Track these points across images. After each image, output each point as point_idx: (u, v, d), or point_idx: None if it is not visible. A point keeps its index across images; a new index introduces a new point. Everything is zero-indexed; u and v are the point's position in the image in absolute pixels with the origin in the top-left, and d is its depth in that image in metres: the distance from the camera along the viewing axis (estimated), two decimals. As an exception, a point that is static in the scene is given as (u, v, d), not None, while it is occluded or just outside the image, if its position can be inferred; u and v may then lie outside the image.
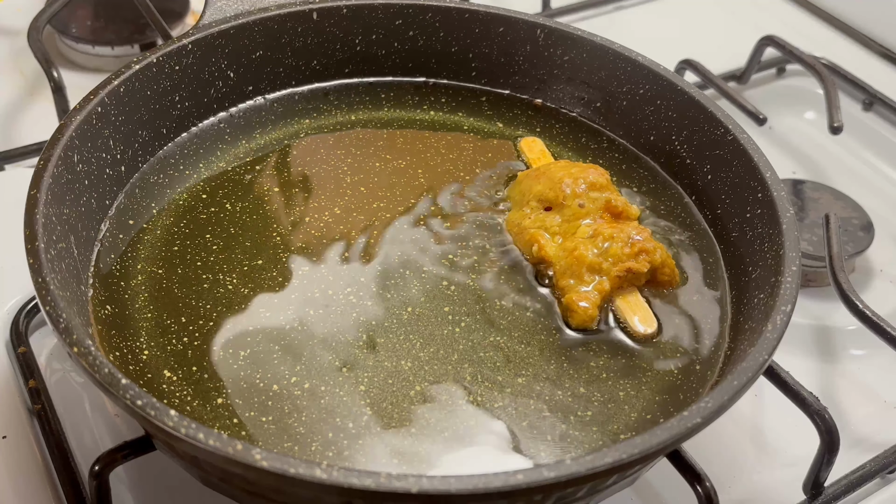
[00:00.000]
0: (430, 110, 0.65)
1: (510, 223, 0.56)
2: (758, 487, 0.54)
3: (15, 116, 0.76)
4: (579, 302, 0.50)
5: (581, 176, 0.55)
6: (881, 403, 0.60)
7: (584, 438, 0.45)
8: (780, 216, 0.50)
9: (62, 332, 0.40)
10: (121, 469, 0.48)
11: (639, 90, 0.61)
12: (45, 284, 0.42)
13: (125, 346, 0.47)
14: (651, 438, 0.39)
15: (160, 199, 0.56)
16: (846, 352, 0.63)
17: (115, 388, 0.38)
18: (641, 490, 0.53)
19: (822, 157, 0.80)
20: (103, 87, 0.53)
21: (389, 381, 0.47)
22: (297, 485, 0.36)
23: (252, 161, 0.59)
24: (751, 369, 0.42)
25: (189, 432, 0.37)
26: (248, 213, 0.56)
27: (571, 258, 0.52)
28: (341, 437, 0.44)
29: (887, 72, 0.88)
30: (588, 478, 0.37)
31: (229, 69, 0.61)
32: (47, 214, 0.46)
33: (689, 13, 0.95)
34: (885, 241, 0.71)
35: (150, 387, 0.46)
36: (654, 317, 0.51)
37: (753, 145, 0.55)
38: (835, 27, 0.94)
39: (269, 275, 0.52)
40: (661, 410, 0.47)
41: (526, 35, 0.64)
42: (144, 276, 0.51)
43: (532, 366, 0.48)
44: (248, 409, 0.45)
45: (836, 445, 0.50)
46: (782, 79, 0.87)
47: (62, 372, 0.56)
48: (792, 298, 0.46)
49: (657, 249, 0.52)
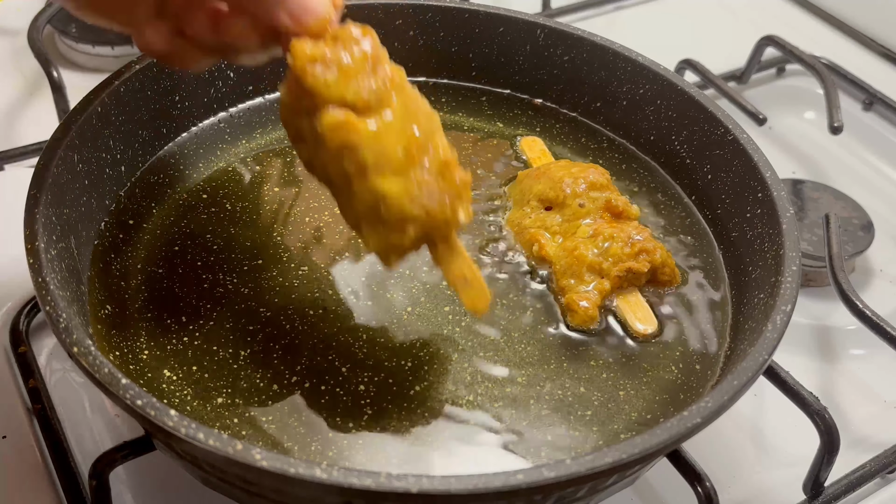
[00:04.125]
0: (430, 110, 0.65)
1: (510, 223, 0.56)
2: (758, 487, 0.54)
3: (15, 116, 0.76)
4: (579, 301, 0.50)
5: (581, 175, 0.55)
6: (881, 403, 0.60)
7: (584, 438, 0.45)
8: (780, 216, 0.50)
9: (62, 332, 0.40)
10: (121, 469, 0.48)
11: (639, 90, 0.61)
12: (44, 284, 0.42)
13: (125, 345, 0.47)
14: (651, 438, 0.39)
15: (160, 199, 0.56)
16: (846, 352, 0.63)
17: (115, 387, 0.38)
18: (641, 490, 0.53)
19: (822, 157, 0.80)
20: (103, 87, 0.53)
21: (389, 380, 0.47)
22: (297, 485, 0.36)
23: (252, 161, 0.59)
24: (751, 369, 0.42)
25: (189, 432, 0.37)
26: (248, 213, 0.56)
27: (572, 258, 0.52)
28: (341, 437, 0.44)
29: (887, 72, 0.88)
30: (588, 478, 0.37)
31: (229, 69, 0.61)
32: (47, 214, 0.46)
33: (689, 13, 0.95)
34: (885, 241, 0.71)
35: (150, 387, 0.46)
36: (654, 316, 0.51)
37: (753, 145, 0.55)
38: (835, 27, 0.94)
39: (269, 275, 0.52)
40: (662, 410, 0.47)
41: (526, 35, 0.64)
42: (144, 275, 0.51)
43: (532, 366, 0.48)
44: (248, 409, 0.45)
45: (836, 445, 0.50)
46: (782, 79, 0.87)
47: (62, 372, 0.56)
48: (792, 298, 0.46)
49: (657, 249, 0.52)
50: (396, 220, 0.41)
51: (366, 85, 0.41)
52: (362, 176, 0.40)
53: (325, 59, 0.41)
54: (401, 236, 0.42)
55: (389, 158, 0.40)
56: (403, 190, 0.41)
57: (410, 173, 0.41)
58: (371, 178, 0.40)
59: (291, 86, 0.42)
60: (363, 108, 0.40)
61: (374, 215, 0.41)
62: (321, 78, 0.40)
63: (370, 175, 0.40)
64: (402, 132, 0.41)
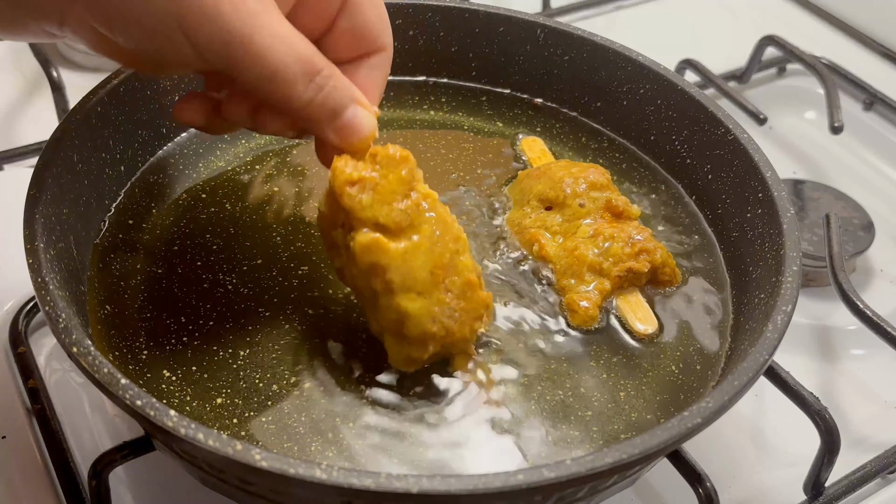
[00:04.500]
0: (430, 110, 0.65)
1: (511, 222, 0.56)
2: (758, 487, 0.54)
3: (15, 116, 0.76)
4: (580, 302, 0.50)
5: (581, 175, 0.55)
6: (881, 403, 0.60)
7: (584, 438, 0.45)
8: (780, 216, 0.50)
9: (62, 332, 0.40)
10: (121, 469, 0.48)
11: (639, 90, 0.61)
12: (44, 284, 0.42)
13: (124, 345, 0.47)
14: (651, 438, 0.39)
15: (160, 199, 0.56)
16: (846, 352, 0.63)
17: (114, 388, 0.38)
18: (642, 490, 0.53)
19: (823, 157, 0.80)
20: (103, 86, 0.53)
21: (389, 379, 0.47)
22: (296, 485, 0.36)
23: (252, 161, 0.59)
24: (751, 369, 0.42)
25: (189, 432, 0.37)
26: (248, 213, 0.56)
27: (572, 258, 0.52)
28: (341, 437, 0.44)
29: (888, 72, 0.88)
30: (588, 478, 0.37)
31: (229, 69, 0.61)
32: (47, 214, 0.46)
33: (689, 13, 0.95)
34: (886, 241, 0.71)
35: (150, 387, 0.46)
36: (654, 317, 0.51)
37: (754, 145, 0.54)
38: (835, 27, 0.94)
39: (269, 275, 0.52)
40: (662, 410, 0.47)
41: (526, 35, 0.64)
42: (144, 275, 0.51)
43: (532, 366, 0.48)
44: (248, 409, 0.45)
45: (837, 445, 0.50)
46: (783, 78, 0.87)
47: (62, 372, 0.56)
48: (792, 298, 0.46)
49: (658, 249, 0.52)
50: (418, 337, 0.44)
51: (398, 208, 0.43)
52: (389, 294, 0.43)
53: (363, 181, 0.43)
54: (421, 351, 0.44)
55: (415, 280, 0.43)
56: (426, 310, 0.43)
57: (434, 294, 0.44)
58: (397, 297, 0.43)
59: (330, 200, 0.45)
60: (395, 230, 0.43)
61: (397, 329, 0.44)
62: (357, 198, 0.43)
63: (396, 294, 0.43)
64: (429, 254, 0.43)
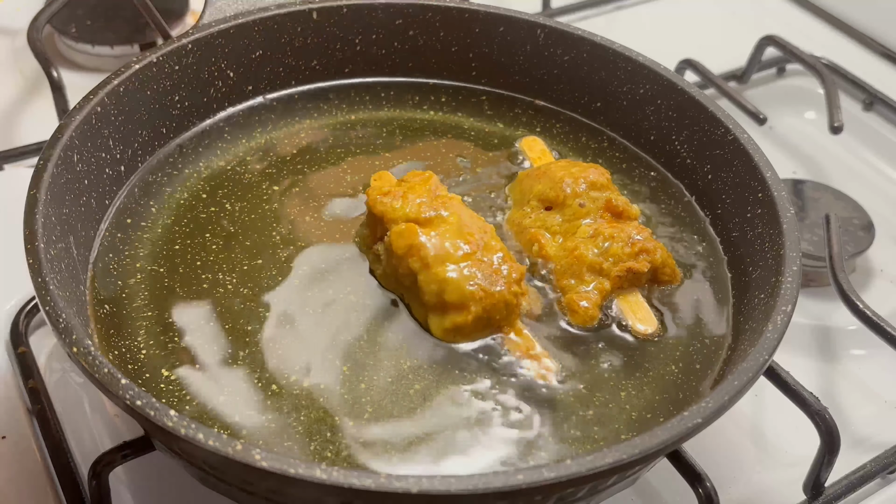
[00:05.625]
0: (430, 110, 0.65)
1: (511, 222, 0.56)
2: (758, 487, 0.54)
3: (15, 116, 0.76)
4: (580, 301, 0.50)
5: (581, 175, 0.55)
6: (881, 403, 0.60)
7: (584, 438, 0.45)
8: (780, 216, 0.50)
9: (62, 332, 0.40)
10: (121, 469, 0.48)
11: (639, 90, 0.61)
12: (44, 284, 0.42)
13: (123, 345, 0.47)
14: (651, 438, 0.39)
15: (160, 198, 0.56)
16: (846, 352, 0.63)
17: (114, 387, 0.38)
18: (642, 490, 0.53)
19: (823, 157, 0.80)
20: (103, 86, 0.53)
21: (389, 379, 0.47)
22: (297, 485, 0.36)
23: (252, 161, 0.59)
24: (751, 369, 0.42)
25: (189, 432, 0.37)
26: (248, 213, 0.56)
27: (572, 258, 0.51)
28: (341, 436, 0.44)
29: (887, 72, 0.88)
30: (588, 478, 0.37)
31: (229, 69, 0.61)
32: (47, 214, 0.46)
33: (689, 13, 0.95)
34: (886, 241, 0.71)
35: (149, 386, 0.46)
36: (654, 316, 0.51)
37: (754, 145, 0.54)
38: (835, 27, 0.94)
39: (269, 274, 0.52)
40: (662, 410, 0.47)
41: (526, 35, 0.64)
42: (144, 275, 0.51)
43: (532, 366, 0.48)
44: (248, 409, 0.45)
45: (837, 446, 0.50)
46: (783, 78, 0.87)
47: (62, 372, 0.56)
48: (792, 298, 0.46)
49: (658, 249, 0.52)
50: (458, 300, 0.47)
51: (424, 203, 0.50)
52: (426, 269, 0.48)
53: (393, 193, 0.51)
54: (464, 314, 0.47)
55: (448, 253, 0.48)
56: (461, 275, 0.48)
57: (467, 263, 0.48)
58: (434, 268, 0.48)
59: (368, 220, 0.52)
60: (424, 222, 0.49)
61: (438, 301, 0.48)
62: (389, 204, 0.50)
63: (432, 267, 0.48)
64: (458, 234, 0.49)
